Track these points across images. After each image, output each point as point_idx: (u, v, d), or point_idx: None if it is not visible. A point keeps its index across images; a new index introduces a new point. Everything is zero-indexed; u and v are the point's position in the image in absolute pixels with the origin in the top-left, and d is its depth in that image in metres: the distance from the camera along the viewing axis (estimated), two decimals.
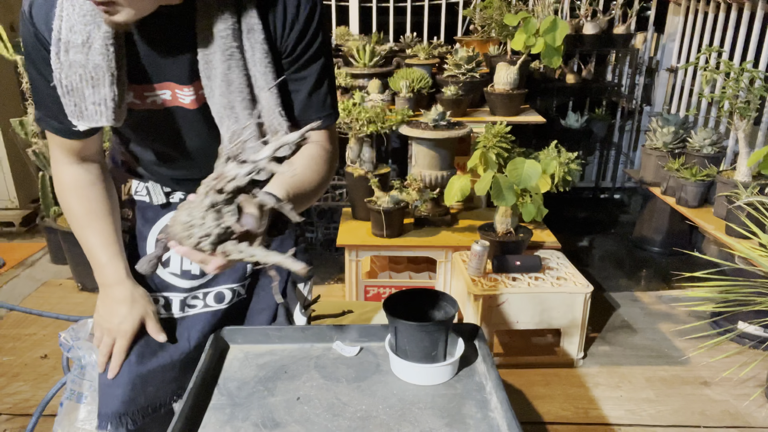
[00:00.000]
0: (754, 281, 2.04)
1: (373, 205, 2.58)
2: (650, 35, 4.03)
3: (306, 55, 1.03)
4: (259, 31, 0.97)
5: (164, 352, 1.21)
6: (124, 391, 1.16)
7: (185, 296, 1.24)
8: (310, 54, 1.03)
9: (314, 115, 1.07)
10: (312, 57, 1.04)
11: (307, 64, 1.04)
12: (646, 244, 3.53)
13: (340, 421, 0.96)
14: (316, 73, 1.05)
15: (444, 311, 1.12)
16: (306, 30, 1.01)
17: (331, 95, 1.09)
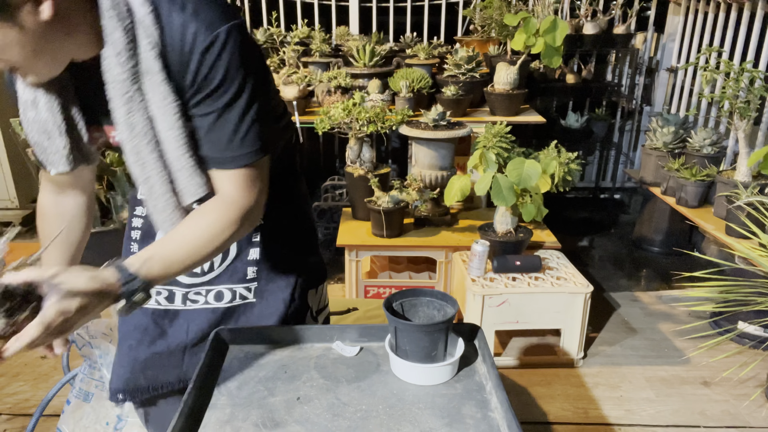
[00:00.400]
0: (754, 281, 2.04)
1: (373, 205, 2.58)
2: (650, 35, 4.03)
3: (207, 89, 0.94)
4: (157, 71, 0.92)
5: (162, 340, 1.27)
6: (125, 371, 1.26)
7: (187, 291, 1.28)
8: (212, 88, 0.94)
9: (217, 155, 0.99)
10: (216, 91, 0.94)
11: (212, 99, 0.95)
12: (646, 244, 3.53)
13: (340, 421, 0.96)
14: (223, 108, 0.96)
15: (444, 311, 1.12)
16: (203, 63, 0.92)
17: (245, 133, 0.98)
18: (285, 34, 3.50)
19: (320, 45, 3.41)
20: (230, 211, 1.00)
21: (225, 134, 0.97)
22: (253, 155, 0.99)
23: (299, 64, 3.25)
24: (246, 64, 0.94)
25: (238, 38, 0.93)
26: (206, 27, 0.91)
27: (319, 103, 3.10)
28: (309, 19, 3.92)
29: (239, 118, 0.96)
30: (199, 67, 0.92)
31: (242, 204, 1.01)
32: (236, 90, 0.94)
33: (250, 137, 0.98)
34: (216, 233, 0.99)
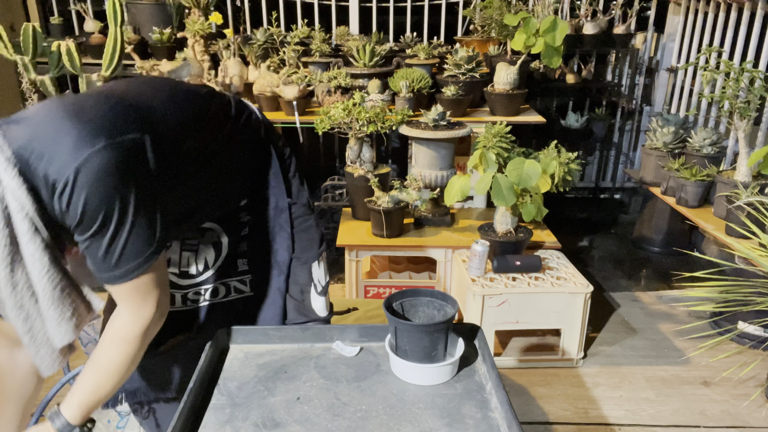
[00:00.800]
0: (754, 281, 2.04)
1: (373, 205, 2.58)
2: (650, 35, 4.03)
3: (73, 224, 0.96)
4: (26, 231, 0.94)
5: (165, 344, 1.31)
6: None
7: (185, 292, 1.31)
8: (76, 222, 0.96)
9: (100, 275, 1.02)
10: (80, 224, 0.96)
11: (81, 230, 0.97)
12: (646, 244, 3.53)
13: (340, 421, 0.96)
14: (92, 236, 0.97)
15: (444, 311, 1.12)
16: (61, 204, 0.94)
17: (119, 254, 0.99)
18: (285, 34, 3.50)
19: (320, 45, 3.41)
20: (130, 335, 1.04)
21: (100, 257, 0.99)
22: (133, 271, 1.01)
23: (299, 64, 3.25)
24: (106, 197, 0.94)
25: (91, 175, 0.91)
26: (57, 172, 0.91)
27: (319, 103, 3.10)
28: (309, 19, 3.92)
29: (110, 242, 0.97)
30: (60, 208, 0.94)
31: (138, 323, 1.04)
32: (100, 223, 0.95)
33: (124, 257, 0.99)
34: (128, 355, 1.04)
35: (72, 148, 0.91)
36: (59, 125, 0.93)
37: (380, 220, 2.56)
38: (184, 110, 1.12)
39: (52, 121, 0.94)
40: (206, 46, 3.26)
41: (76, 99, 0.99)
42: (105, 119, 0.95)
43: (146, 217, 0.99)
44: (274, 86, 3.07)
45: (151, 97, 1.07)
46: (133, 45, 3.47)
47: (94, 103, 0.98)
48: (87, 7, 3.82)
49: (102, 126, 0.94)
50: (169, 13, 3.64)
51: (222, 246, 1.31)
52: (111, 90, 1.05)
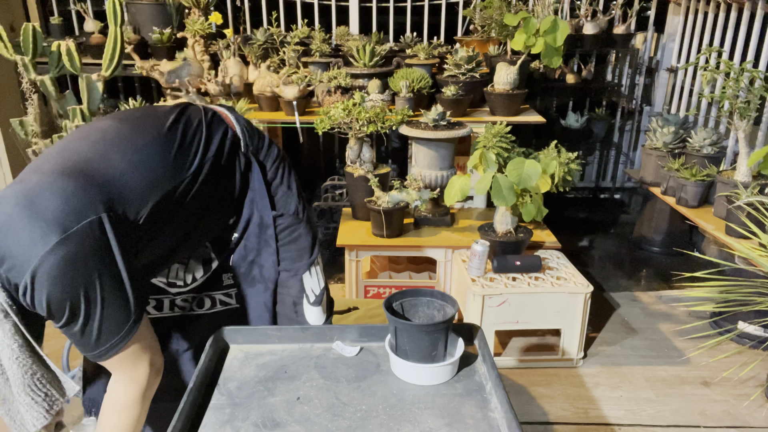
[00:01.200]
0: (754, 281, 2.04)
1: (373, 205, 2.58)
2: (650, 35, 4.03)
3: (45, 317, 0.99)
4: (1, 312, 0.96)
5: None
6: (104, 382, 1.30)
7: (173, 298, 1.32)
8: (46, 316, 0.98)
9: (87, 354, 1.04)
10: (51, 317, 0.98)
11: (54, 321, 0.99)
12: (646, 244, 3.53)
13: (340, 421, 0.96)
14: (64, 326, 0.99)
15: (444, 311, 1.12)
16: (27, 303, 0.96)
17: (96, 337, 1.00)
18: (285, 34, 3.50)
19: (320, 45, 3.40)
20: (129, 395, 1.07)
21: (78, 341, 1.01)
22: (116, 346, 1.02)
23: (299, 64, 3.25)
24: (65, 289, 0.94)
25: (47, 271, 0.92)
26: (16, 276, 0.93)
27: (319, 103, 3.10)
28: (309, 19, 3.92)
29: (82, 328, 0.98)
30: (27, 305, 0.96)
31: (135, 383, 1.07)
32: (67, 316, 0.96)
33: (102, 337, 1.00)
34: (132, 419, 1.07)
35: (26, 251, 0.91)
36: (13, 227, 0.92)
37: (380, 220, 2.56)
38: (150, 160, 1.09)
39: (5, 224, 0.93)
40: (206, 46, 3.26)
41: (30, 192, 0.96)
42: (57, 212, 0.94)
43: (116, 294, 1.00)
44: (274, 86, 3.07)
45: (111, 160, 1.05)
46: (133, 45, 3.47)
47: (49, 194, 0.96)
48: (87, 7, 3.82)
49: (55, 220, 0.93)
50: (169, 13, 3.64)
51: (212, 263, 1.31)
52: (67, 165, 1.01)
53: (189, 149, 1.16)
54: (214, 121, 1.25)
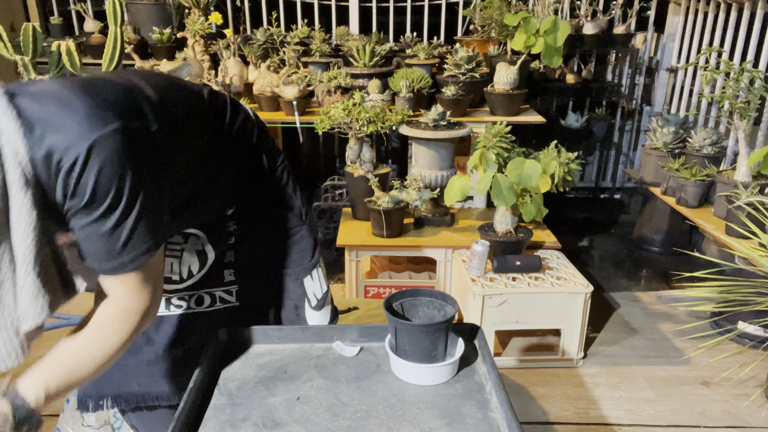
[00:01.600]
0: (754, 281, 2.04)
1: (373, 205, 2.58)
2: (650, 35, 4.03)
3: (77, 205, 0.90)
4: (16, 182, 0.86)
5: (149, 347, 1.29)
6: (110, 379, 1.29)
7: (169, 296, 1.29)
8: (82, 204, 0.90)
9: (101, 265, 0.95)
10: (87, 206, 0.90)
11: (84, 213, 0.91)
12: (646, 244, 3.53)
13: (340, 421, 0.96)
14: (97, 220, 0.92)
15: (444, 311, 1.12)
16: (68, 183, 0.88)
17: (125, 240, 0.94)
18: (285, 34, 3.50)
19: (320, 45, 3.41)
20: (124, 320, 0.98)
21: (103, 244, 0.93)
22: (136, 259, 0.95)
23: (299, 64, 3.25)
24: (116, 178, 0.89)
25: (103, 154, 0.88)
26: (66, 148, 0.86)
27: (319, 103, 3.10)
28: (309, 19, 3.92)
29: (115, 227, 0.92)
30: (66, 187, 0.88)
31: (136, 308, 0.99)
32: (107, 206, 0.90)
33: (131, 243, 0.94)
34: (111, 347, 0.97)
35: (85, 125, 0.87)
36: (73, 101, 0.89)
37: (380, 220, 2.56)
38: (186, 106, 1.10)
39: (65, 96, 0.89)
40: (206, 46, 3.26)
41: (89, 79, 0.95)
42: (118, 102, 0.92)
43: (156, 202, 0.96)
44: (274, 86, 3.07)
45: (157, 90, 1.04)
46: (133, 45, 3.47)
47: (108, 85, 0.95)
48: (87, 7, 3.82)
49: (116, 108, 0.91)
50: (169, 13, 3.64)
51: (207, 255, 1.28)
52: (120, 76, 1.02)
53: (217, 114, 1.19)
54: (236, 104, 1.27)
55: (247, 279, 1.32)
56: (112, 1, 2.63)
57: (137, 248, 0.95)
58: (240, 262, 1.30)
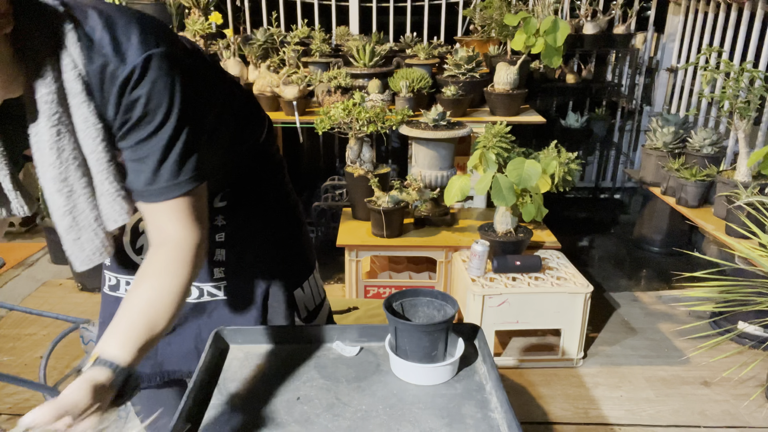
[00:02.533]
0: (754, 281, 2.04)
1: (373, 205, 2.58)
2: (650, 35, 4.03)
3: (129, 122, 0.90)
4: (79, 92, 0.87)
5: None
6: None
7: None
8: (133, 121, 0.90)
9: (149, 187, 0.93)
10: (138, 123, 0.90)
11: (136, 130, 0.91)
12: (646, 244, 3.53)
13: (340, 421, 0.96)
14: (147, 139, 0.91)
15: (444, 311, 1.12)
16: (122, 96, 0.88)
17: (175, 163, 0.93)
18: (285, 34, 3.50)
19: (320, 45, 3.41)
20: (182, 257, 0.95)
21: (152, 165, 0.91)
22: (185, 184, 0.93)
23: (299, 64, 3.25)
24: (168, 93, 0.89)
25: (158, 68, 0.88)
26: (122, 60, 0.86)
27: (319, 103, 3.10)
28: (309, 19, 3.92)
29: (165, 148, 0.91)
30: (119, 100, 0.88)
31: (190, 242, 0.95)
32: (160, 121, 0.90)
33: (180, 167, 0.93)
34: (179, 288, 0.94)
35: (140, 41, 0.87)
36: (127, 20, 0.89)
37: (380, 220, 2.56)
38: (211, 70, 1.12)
39: (119, 15, 0.89)
40: (206, 46, 3.26)
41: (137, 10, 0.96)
42: (167, 33, 0.93)
43: (200, 131, 0.95)
44: (274, 86, 3.07)
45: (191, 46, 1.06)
46: None
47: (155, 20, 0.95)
48: None
49: (166, 36, 0.92)
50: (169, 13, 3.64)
51: None
52: None
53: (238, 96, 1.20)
54: (258, 104, 1.30)
55: (237, 279, 1.30)
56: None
57: (189, 171, 0.93)
58: (230, 262, 1.28)
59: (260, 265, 1.31)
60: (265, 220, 1.30)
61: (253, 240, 1.29)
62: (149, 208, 0.95)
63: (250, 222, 1.29)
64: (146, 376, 1.35)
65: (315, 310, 1.38)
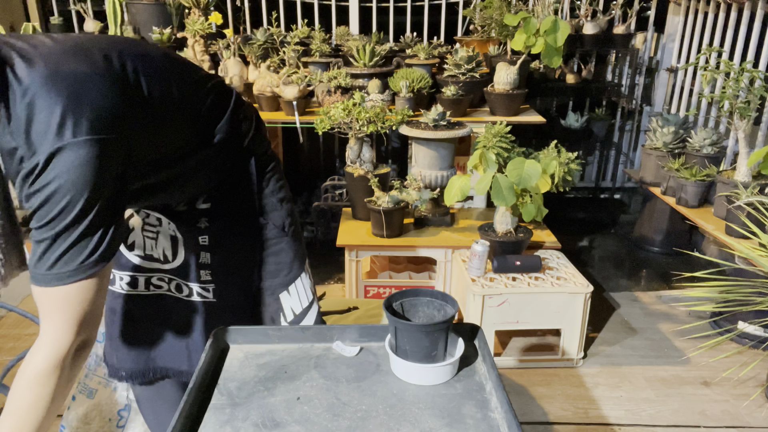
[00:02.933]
0: (754, 281, 2.04)
1: (373, 205, 2.58)
2: (650, 35, 4.03)
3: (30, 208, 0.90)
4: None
5: (130, 324, 1.35)
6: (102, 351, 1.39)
7: (149, 276, 1.31)
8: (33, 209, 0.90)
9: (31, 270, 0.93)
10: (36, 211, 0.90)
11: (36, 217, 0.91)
12: (646, 244, 3.53)
13: (340, 421, 0.96)
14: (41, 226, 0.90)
15: (444, 311, 1.12)
16: (23, 186, 0.89)
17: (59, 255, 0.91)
18: (285, 34, 3.50)
19: (320, 45, 3.41)
20: (48, 360, 0.92)
21: (42, 249, 0.91)
22: (72, 275, 0.91)
23: (299, 64, 3.25)
24: (71, 188, 0.87)
25: (63, 162, 0.86)
26: (31, 150, 0.86)
27: (319, 103, 3.10)
28: (309, 19, 3.92)
29: (59, 234, 0.90)
30: (22, 187, 0.89)
31: (58, 343, 0.93)
32: (55, 214, 0.89)
33: (70, 253, 0.91)
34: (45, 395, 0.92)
35: (53, 133, 0.86)
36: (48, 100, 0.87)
37: (380, 220, 2.56)
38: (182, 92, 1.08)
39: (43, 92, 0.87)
40: (206, 46, 3.26)
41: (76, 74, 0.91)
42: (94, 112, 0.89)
43: (108, 216, 0.93)
44: (274, 86, 3.07)
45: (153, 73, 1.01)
46: None
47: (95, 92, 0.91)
48: (87, 7, 3.82)
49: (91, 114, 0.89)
50: (169, 13, 3.64)
51: (178, 241, 1.27)
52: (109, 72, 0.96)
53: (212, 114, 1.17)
54: (242, 105, 1.26)
55: (224, 281, 1.30)
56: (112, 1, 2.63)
57: (76, 258, 0.91)
58: (216, 265, 1.28)
59: (245, 269, 1.30)
60: (250, 222, 1.28)
61: (238, 242, 1.28)
62: (34, 292, 0.93)
63: (235, 224, 1.27)
64: (139, 372, 1.36)
65: (302, 313, 1.37)
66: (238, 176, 1.25)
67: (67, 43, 0.96)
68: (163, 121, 1.04)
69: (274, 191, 1.31)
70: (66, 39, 0.97)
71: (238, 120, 1.23)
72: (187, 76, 1.12)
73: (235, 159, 1.24)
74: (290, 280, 1.33)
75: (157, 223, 1.27)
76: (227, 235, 1.27)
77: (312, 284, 1.40)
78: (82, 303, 0.94)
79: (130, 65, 0.98)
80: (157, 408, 1.48)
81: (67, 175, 0.87)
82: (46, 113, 0.86)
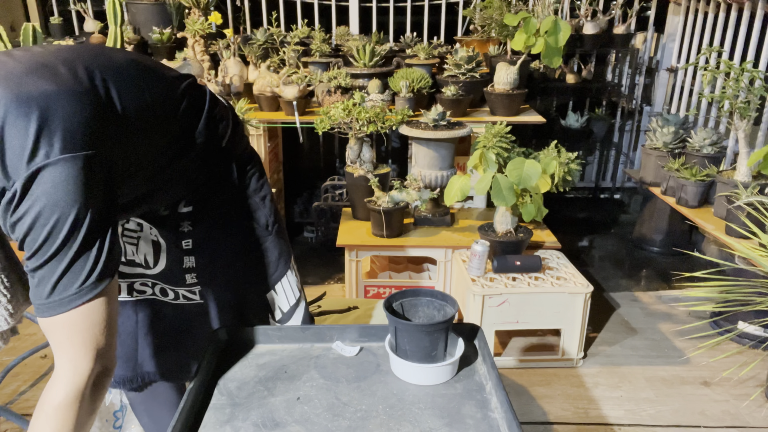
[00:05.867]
0: (754, 281, 2.04)
1: (373, 205, 2.58)
2: (650, 35, 4.03)
3: (15, 238, 0.87)
4: None
5: None
6: None
7: (131, 281, 1.29)
8: (19, 238, 0.87)
9: (35, 301, 0.89)
10: (23, 241, 0.86)
11: (25, 248, 0.87)
12: (646, 244, 3.53)
13: (340, 421, 0.96)
14: (32, 255, 0.87)
15: (444, 311, 1.12)
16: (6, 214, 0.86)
17: (56, 281, 0.87)
18: (285, 34, 3.50)
19: (320, 45, 3.41)
20: (66, 392, 0.88)
21: (35, 280, 0.88)
22: (74, 299, 0.87)
23: (299, 64, 3.25)
24: (54, 211, 0.84)
25: (43, 183, 0.83)
26: (6, 176, 0.84)
27: (319, 103, 3.10)
28: (309, 19, 3.92)
29: (46, 264, 0.86)
30: (4, 218, 0.86)
31: (76, 375, 0.88)
32: (42, 240, 0.85)
33: (60, 284, 0.87)
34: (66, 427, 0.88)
35: (27, 158, 0.83)
36: (21, 125, 0.84)
37: (380, 220, 2.56)
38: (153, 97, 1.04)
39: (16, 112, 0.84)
40: (206, 46, 3.26)
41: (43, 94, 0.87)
42: (66, 131, 0.86)
43: (98, 235, 0.90)
44: (274, 86, 3.07)
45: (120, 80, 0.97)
46: (133, 45, 3.47)
47: (62, 105, 0.87)
48: (87, 7, 3.82)
49: (61, 138, 0.85)
50: (169, 13, 3.64)
51: (160, 246, 1.24)
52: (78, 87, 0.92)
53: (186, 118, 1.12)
54: (217, 104, 1.22)
55: (210, 283, 1.28)
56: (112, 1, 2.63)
57: (74, 282, 0.88)
58: (201, 268, 1.26)
59: (232, 270, 1.28)
60: (234, 223, 1.27)
61: (223, 244, 1.26)
62: (41, 325, 0.90)
63: (218, 226, 1.25)
64: (128, 379, 1.35)
65: (290, 311, 1.35)
66: (219, 177, 1.22)
67: (29, 60, 0.92)
68: (140, 131, 1.00)
69: (256, 189, 1.28)
70: (26, 56, 0.93)
71: (215, 121, 1.19)
72: (158, 81, 1.08)
73: (216, 160, 1.21)
74: (277, 279, 1.31)
75: (138, 228, 1.24)
76: (211, 237, 1.24)
77: (298, 281, 1.38)
78: (92, 327, 0.90)
79: (98, 78, 0.94)
80: (151, 410, 1.47)
81: (47, 198, 0.84)
82: (18, 139, 0.83)
